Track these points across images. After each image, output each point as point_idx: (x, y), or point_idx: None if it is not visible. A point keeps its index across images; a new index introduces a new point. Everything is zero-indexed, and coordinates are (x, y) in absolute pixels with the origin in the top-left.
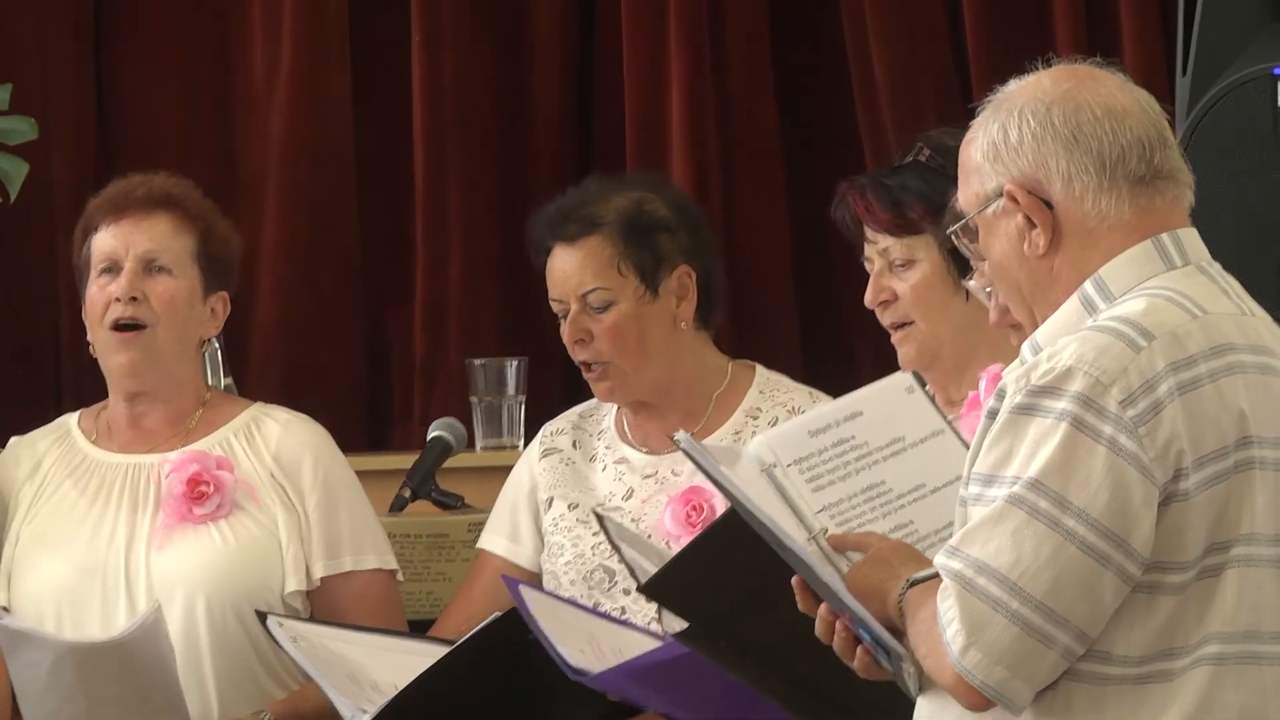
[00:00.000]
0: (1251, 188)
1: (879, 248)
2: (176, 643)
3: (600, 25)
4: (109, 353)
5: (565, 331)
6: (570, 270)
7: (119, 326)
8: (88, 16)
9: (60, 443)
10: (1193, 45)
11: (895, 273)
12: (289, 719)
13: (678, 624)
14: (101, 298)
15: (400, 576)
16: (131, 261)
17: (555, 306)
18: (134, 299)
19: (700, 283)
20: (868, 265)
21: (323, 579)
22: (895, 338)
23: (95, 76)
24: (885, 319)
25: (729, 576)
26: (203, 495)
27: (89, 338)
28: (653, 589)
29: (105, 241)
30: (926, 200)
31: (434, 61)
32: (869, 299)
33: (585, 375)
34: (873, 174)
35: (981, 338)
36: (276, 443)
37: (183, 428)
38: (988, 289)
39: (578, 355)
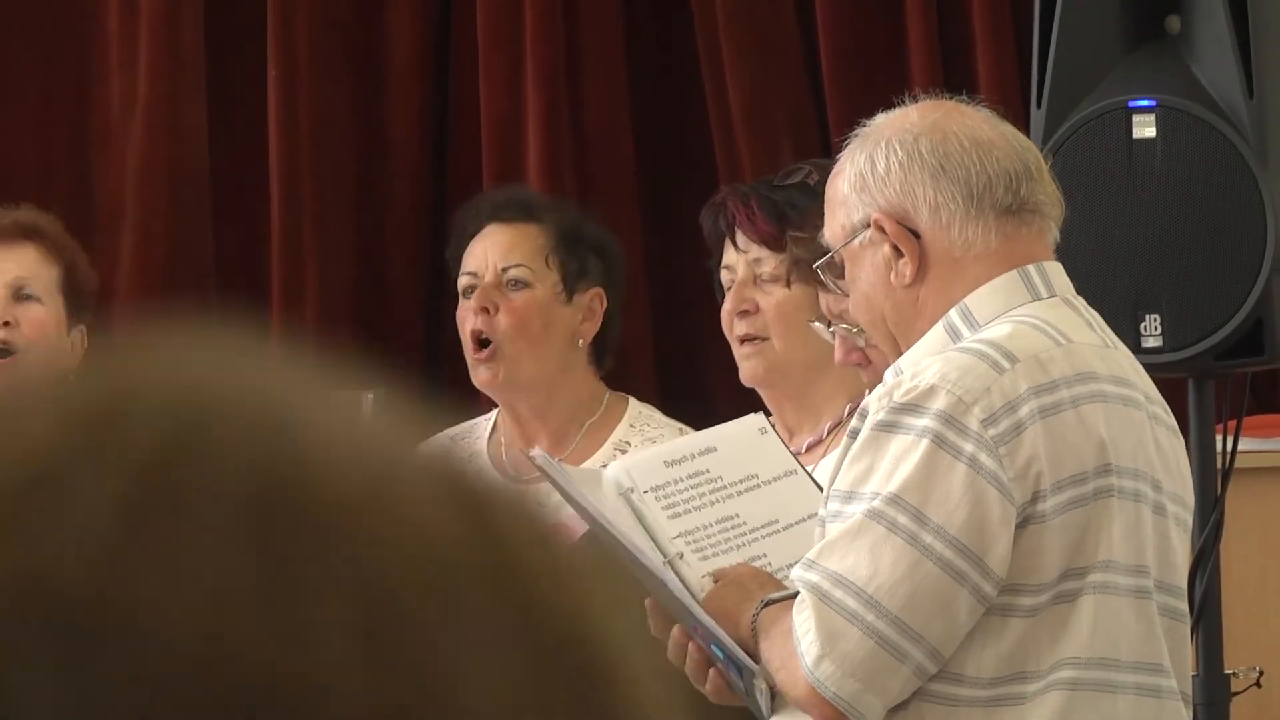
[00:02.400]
0: (1106, 219)
1: (749, 257)
2: None
3: (456, 64)
4: None
5: (469, 305)
6: (499, 244)
7: None
8: None
9: None
10: (1047, 77)
11: (760, 286)
12: None
13: None
14: None
15: None
16: (2, 289)
17: (464, 281)
18: (5, 324)
19: (607, 313)
20: (725, 274)
21: None
22: (743, 351)
23: None
24: (738, 328)
25: None
26: None
27: None
28: None
29: None
30: (811, 223)
31: (289, 97)
32: (730, 306)
33: (471, 357)
34: (756, 185)
35: (828, 372)
36: None
37: None
38: (831, 328)
39: (475, 325)
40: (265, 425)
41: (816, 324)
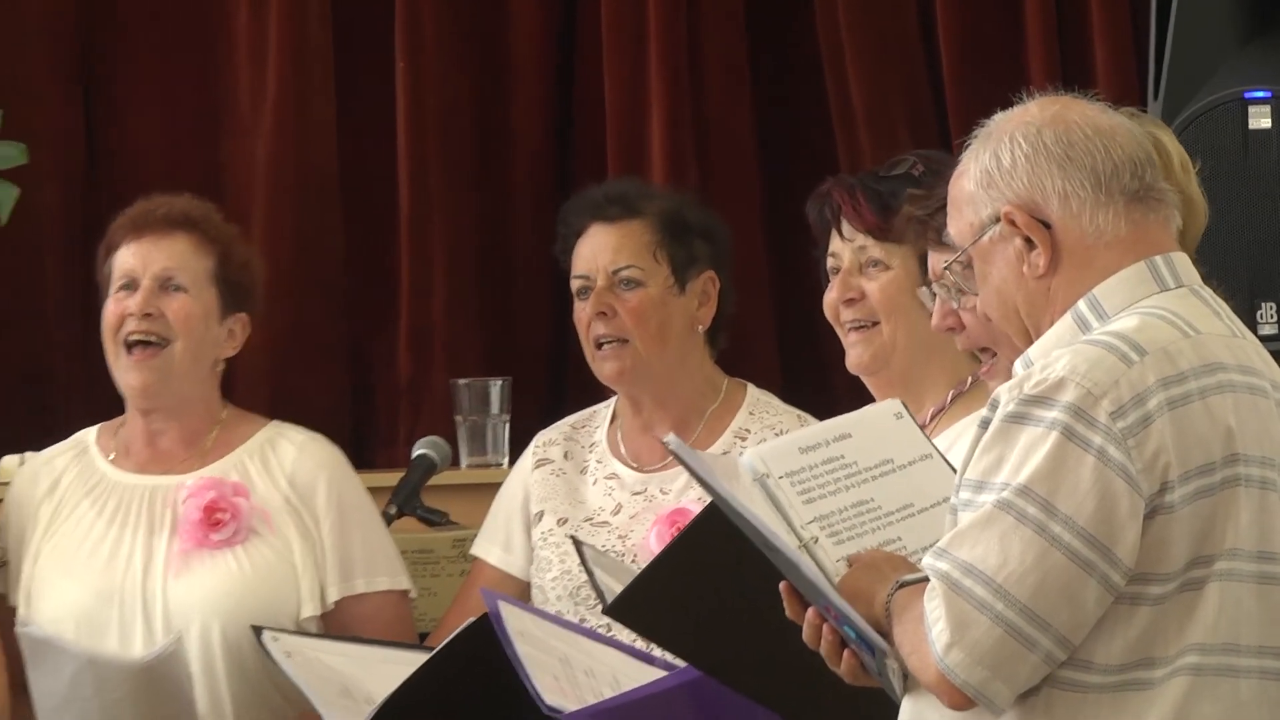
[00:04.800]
0: (1222, 209)
1: (854, 245)
2: (194, 668)
3: (580, 55)
4: (123, 372)
5: (586, 308)
6: (606, 247)
7: (133, 343)
8: (77, 47)
9: (78, 460)
10: (1164, 70)
11: (866, 272)
12: None
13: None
14: (117, 312)
15: (414, 594)
16: (148, 279)
17: (577, 284)
18: (149, 315)
19: (720, 294)
20: (831, 261)
21: (336, 601)
22: (851, 338)
23: (84, 106)
24: (846, 315)
25: (697, 593)
26: (219, 522)
27: (106, 354)
28: (617, 610)
29: (125, 259)
30: None
31: (417, 90)
32: (835, 295)
33: (594, 355)
34: (862, 176)
35: (932, 359)
36: (291, 466)
37: (198, 448)
38: (934, 290)
39: (596, 330)
40: None
41: (923, 290)
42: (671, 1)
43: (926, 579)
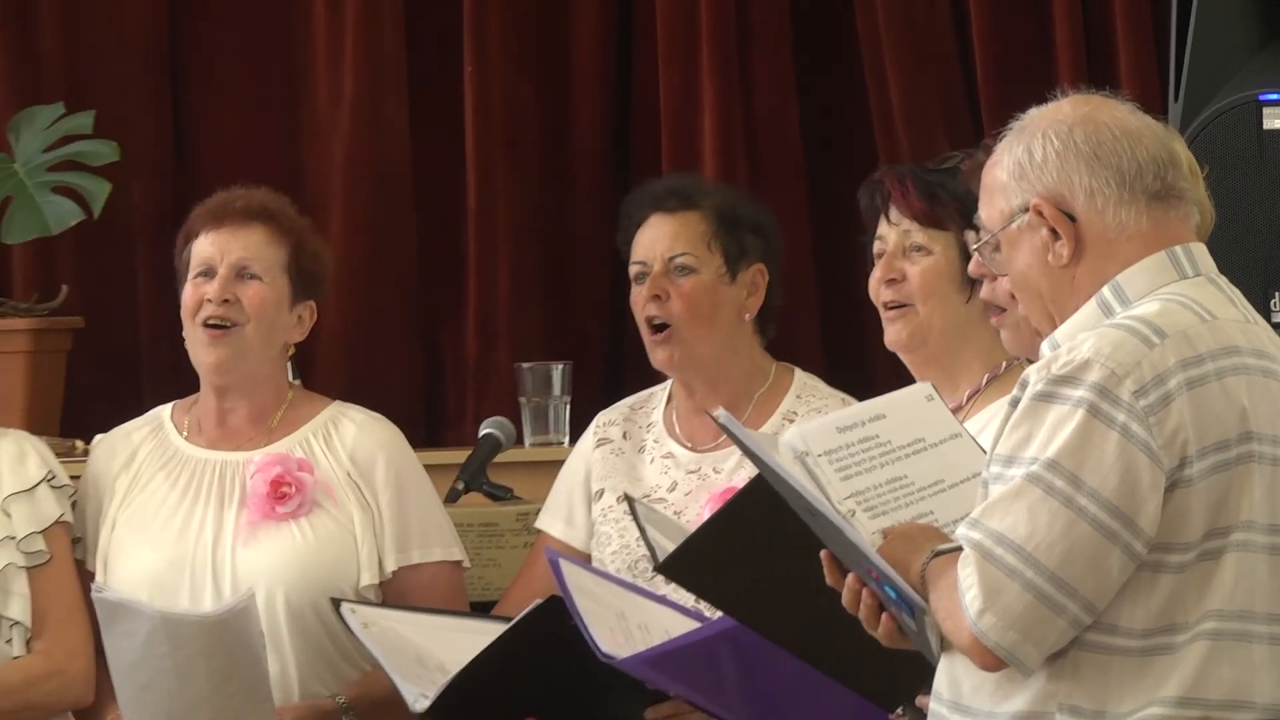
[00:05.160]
0: (1238, 204)
1: (900, 229)
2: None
3: (636, 59)
4: (199, 348)
5: (641, 292)
6: (664, 235)
7: (210, 325)
8: (167, 51)
9: (154, 435)
10: (1184, 73)
11: (909, 256)
12: (360, 702)
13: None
14: (195, 297)
15: (468, 564)
16: (225, 268)
17: (635, 269)
18: (225, 301)
19: (769, 286)
20: (877, 245)
21: (394, 571)
22: (889, 316)
23: (172, 105)
24: (885, 295)
25: (743, 557)
26: (285, 495)
27: (184, 334)
28: (669, 569)
29: (203, 247)
30: (960, 202)
31: (484, 91)
32: (879, 275)
33: (650, 339)
34: (912, 166)
35: (967, 342)
36: (352, 443)
37: (265, 426)
38: (976, 245)
39: (649, 311)
40: None
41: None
42: (722, 10)
43: (959, 548)
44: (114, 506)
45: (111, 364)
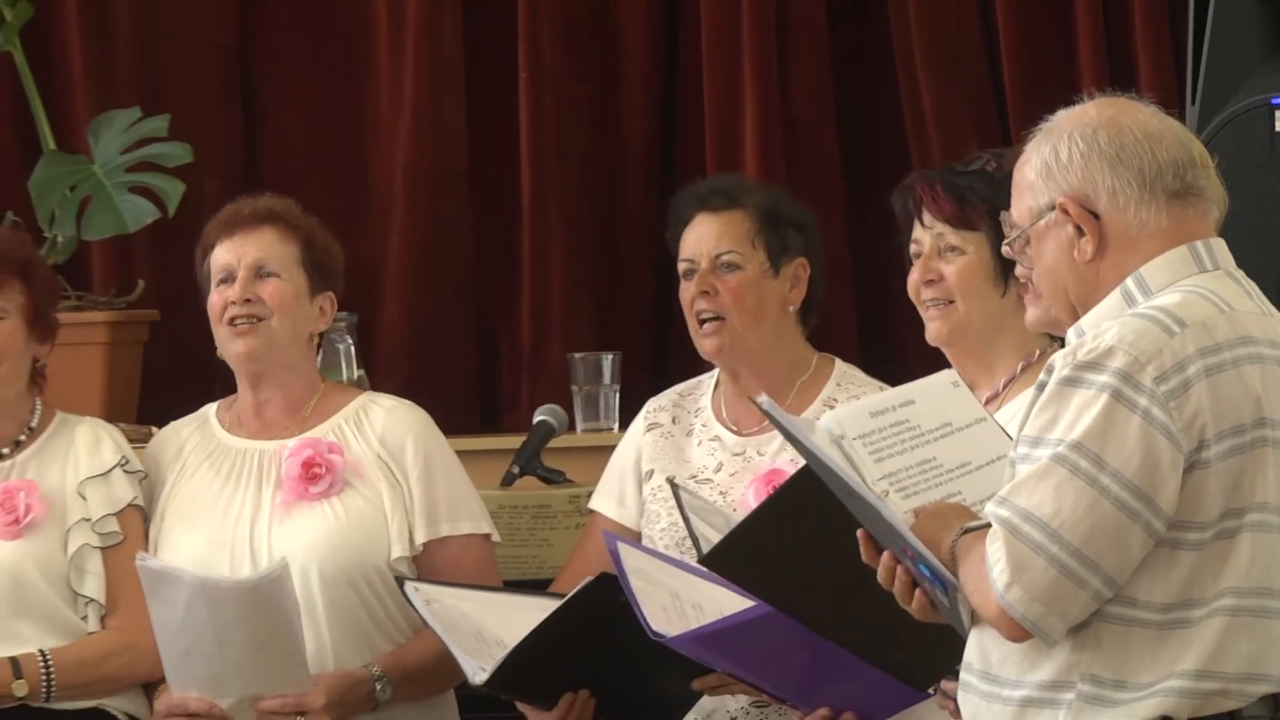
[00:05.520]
0: (1251, 203)
1: (934, 232)
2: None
3: (681, 64)
4: (228, 343)
5: (690, 288)
6: (710, 234)
7: (235, 321)
8: (237, 56)
9: (200, 429)
10: (1200, 77)
11: (944, 256)
12: (393, 670)
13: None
14: (220, 301)
15: (496, 538)
16: (244, 270)
17: (683, 266)
18: (248, 300)
19: (811, 279)
20: (914, 248)
21: (424, 544)
22: (930, 313)
23: (243, 109)
24: (926, 295)
25: (785, 549)
26: (316, 476)
27: (215, 338)
28: (713, 560)
29: (221, 255)
30: (988, 203)
31: (538, 95)
32: (917, 276)
33: (697, 330)
34: (940, 170)
35: (1003, 333)
36: (382, 427)
37: (299, 416)
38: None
39: (698, 306)
40: None
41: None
42: (763, 17)
43: (988, 526)
44: (164, 495)
45: (185, 355)
